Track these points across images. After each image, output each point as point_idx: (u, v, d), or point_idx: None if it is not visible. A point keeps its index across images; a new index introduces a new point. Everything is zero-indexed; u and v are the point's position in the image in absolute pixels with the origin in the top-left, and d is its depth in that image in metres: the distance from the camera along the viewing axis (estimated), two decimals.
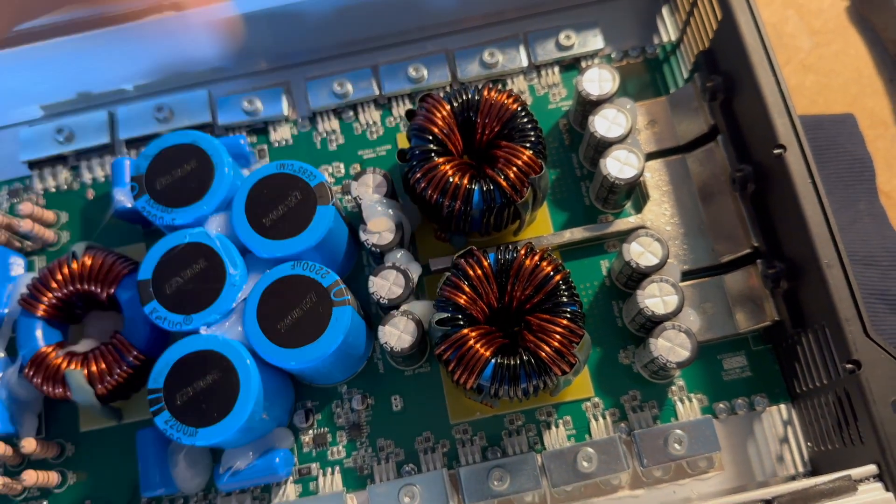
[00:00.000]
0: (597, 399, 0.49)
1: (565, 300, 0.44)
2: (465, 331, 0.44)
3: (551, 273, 0.44)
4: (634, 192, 0.52)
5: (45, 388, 0.47)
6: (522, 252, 0.45)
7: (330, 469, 0.49)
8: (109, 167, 0.56)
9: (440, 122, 0.48)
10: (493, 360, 0.43)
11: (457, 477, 0.47)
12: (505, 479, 0.46)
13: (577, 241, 0.51)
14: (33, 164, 0.56)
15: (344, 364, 0.48)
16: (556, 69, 0.56)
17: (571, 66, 0.56)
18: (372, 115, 0.56)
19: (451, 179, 0.46)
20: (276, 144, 0.56)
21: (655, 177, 0.52)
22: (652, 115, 0.53)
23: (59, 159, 0.56)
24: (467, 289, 0.45)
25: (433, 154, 0.47)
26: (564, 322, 0.43)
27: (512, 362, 0.43)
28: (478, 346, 0.43)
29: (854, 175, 0.59)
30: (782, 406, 0.49)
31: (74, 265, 0.49)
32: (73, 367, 0.47)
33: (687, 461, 0.47)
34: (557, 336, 0.43)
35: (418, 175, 0.47)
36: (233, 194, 0.47)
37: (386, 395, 0.50)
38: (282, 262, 0.45)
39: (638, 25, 0.58)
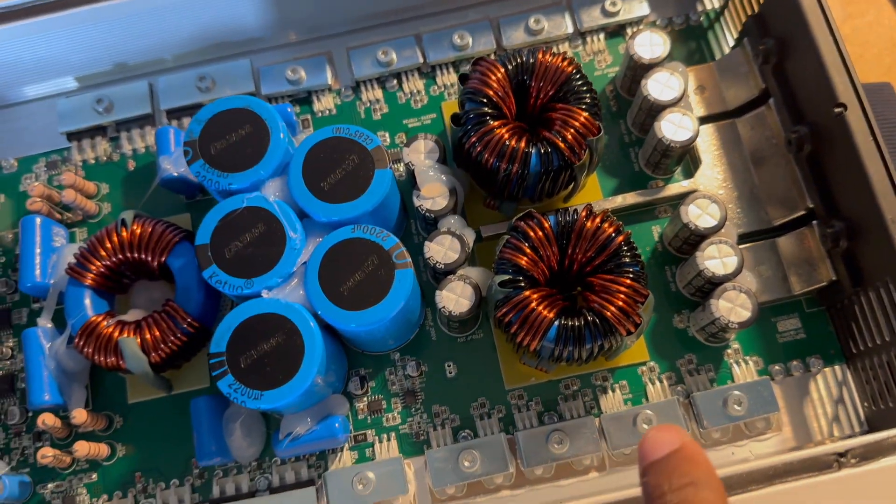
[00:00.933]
0: (652, 363, 0.49)
1: (628, 261, 0.44)
2: (527, 293, 0.44)
3: (613, 234, 0.44)
4: (685, 157, 0.52)
5: (97, 357, 0.46)
6: (584, 214, 0.45)
7: (386, 435, 0.49)
8: (150, 138, 0.55)
9: (495, 85, 0.47)
10: (556, 322, 0.43)
11: (515, 441, 0.47)
12: (564, 442, 0.46)
13: (628, 205, 0.51)
14: (72, 136, 0.55)
15: (400, 329, 0.48)
16: (602, 36, 0.56)
17: (616, 32, 0.56)
18: (416, 84, 0.56)
19: (507, 143, 0.46)
20: (320, 114, 0.55)
21: (706, 141, 0.52)
22: (700, 81, 0.53)
23: (99, 130, 0.56)
24: (528, 250, 0.44)
25: (488, 117, 0.47)
26: (628, 282, 0.43)
27: (576, 323, 0.43)
28: (541, 307, 0.43)
29: (892, 143, 0.59)
30: (836, 367, 0.49)
31: (124, 233, 0.48)
32: (125, 335, 0.46)
33: (745, 423, 0.48)
34: (622, 296, 0.43)
35: (474, 139, 0.47)
36: (287, 159, 0.46)
37: (440, 362, 0.50)
38: (340, 226, 0.45)
39: None
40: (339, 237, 0.44)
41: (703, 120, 0.52)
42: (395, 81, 0.56)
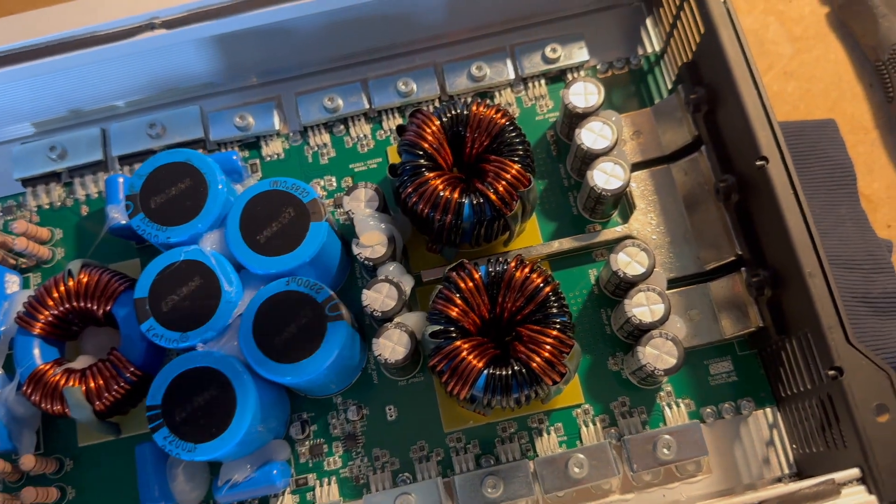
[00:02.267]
0: (587, 406, 0.50)
1: (555, 311, 0.45)
2: (458, 343, 0.45)
3: (541, 285, 0.45)
4: (621, 202, 0.54)
5: (43, 405, 0.48)
6: (513, 264, 0.46)
7: (326, 479, 0.50)
8: (103, 183, 0.56)
9: (430, 137, 0.49)
10: (485, 371, 0.44)
11: (451, 485, 0.48)
12: (498, 486, 0.47)
13: (565, 250, 0.52)
14: (27, 182, 0.57)
15: (339, 376, 0.49)
16: (543, 81, 0.57)
17: (558, 77, 0.57)
18: (362, 129, 0.57)
19: (441, 194, 0.47)
20: (269, 158, 0.57)
21: (641, 186, 0.53)
22: (637, 126, 0.54)
23: (53, 176, 0.57)
24: (459, 301, 0.46)
25: (423, 169, 0.48)
26: (554, 333, 0.44)
27: (504, 373, 0.44)
28: (470, 357, 0.44)
29: (835, 180, 0.60)
30: (768, 410, 0.50)
31: (70, 283, 0.49)
32: (71, 384, 0.47)
33: (676, 465, 0.49)
34: (548, 347, 0.44)
35: (409, 190, 0.48)
36: (226, 211, 0.48)
37: (380, 405, 0.51)
38: (276, 278, 0.46)
39: (622, 37, 0.59)
40: (273, 290, 0.45)
41: (639, 165, 0.53)
42: (342, 126, 0.57)
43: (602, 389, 0.51)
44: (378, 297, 0.48)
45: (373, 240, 0.49)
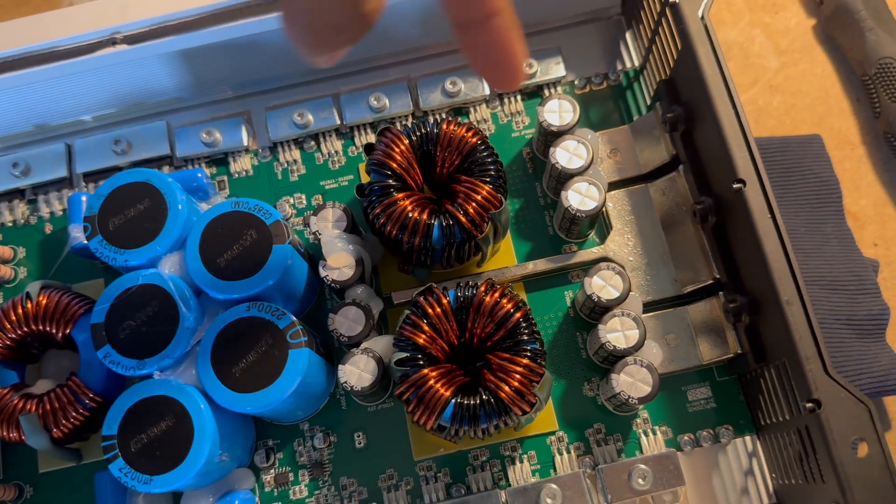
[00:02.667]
0: (561, 433, 0.49)
1: (526, 338, 0.44)
2: (425, 371, 0.43)
3: (511, 310, 0.44)
4: (597, 222, 0.52)
5: (0, 432, 0.46)
6: (482, 289, 0.44)
7: None
8: (67, 201, 0.55)
9: (399, 157, 0.47)
10: (453, 401, 0.43)
11: None
12: None
13: (540, 272, 0.51)
14: None
15: (304, 403, 0.48)
16: (519, 97, 0.56)
17: (535, 93, 0.56)
18: (334, 145, 0.55)
19: (409, 215, 0.46)
20: (237, 175, 0.55)
21: (618, 206, 0.51)
22: (614, 144, 0.53)
23: (16, 193, 0.55)
24: (426, 327, 0.44)
25: (392, 189, 0.47)
26: (524, 361, 0.43)
27: (472, 402, 0.43)
28: (437, 385, 0.43)
29: (821, 198, 0.59)
30: (747, 438, 0.49)
31: (29, 305, 0.48)
32: (28, 409, 0.46)
33: (652, 496, 0.47)
34: (517, 376, 0.43)
35: (377, 210, 0.46)
36: (187, 233, 0.46)
37: (349, 431, 0.50)
38: (238, 303, 0.45)
39: (601, 51, 0.57)
40: (233, 316, 0.44)
41: (616, 184, 0.52)
42: (312, 142, 0.55)
43: (577, 416, 0.49)
44: (344, 322, 0.46)
45: (340, 261, 0.47)
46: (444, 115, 0.54)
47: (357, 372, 0.46)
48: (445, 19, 0.30)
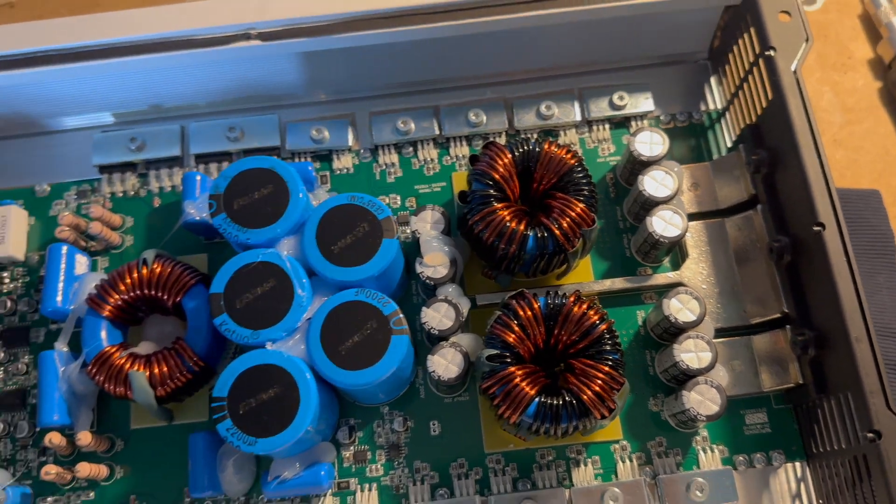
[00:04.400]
0: (625, 442, 0.52)
1: (608, 348, 0.47)
2: (512, 368, 0.47)
3: (598, 322, 0.47)
4: (674, 249, 0.56)
5: (107, 385, 0.49)
6: (572, 299, 0.48)
7: (367, 485, 0.52)
8: (177, 178, 0.59)
9: (501, 169, 0.51)
10: (536, 399, 0.46)
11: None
12: None
13: (616, 290, 0.54)
14: (104, 168, 0.59)
15: (391, 387, 0.51)
16: (607, 126, 0.59)
17: (621, 123, 0.60)
18: (430, 153, 0.59)
19: (507, 224, 0.49)
20: (338, 172, 0.59)
21: (695, 237, 0.55)
22: (695, 178, 0.57)
23: (129, 166, 0.59)
24: (517, 328, 0.48)
25: (492, 199, 0.50)
26: (607, 369, 0.46)
27: (555, 402, 0.46)
28: (523, 384, 0.46)
29: (876, 249, 0.63)
30: (797, 463, 0.52)
31: (144, 271, 0.51)
32: (136, 368, 0.49)
33: None
34: (599, 381, 0.46)
35: (477, 217, 0.50)
36: (303, 219, 0.50)
37: (425, 419, 0.53)
38: (345, 288, 0.48)
39: (686, 92, 0.62)
40: (343, 299, 0.47)
41: (694, 216, 0.56)
42: (410, 148, 0.59)
43: (640, 428, 0.52)
44: (436, 316, 0.50)
45: (436, 260, 0.51)
46: (535, 136, 0.58)
47: (445, 363, 0.49)
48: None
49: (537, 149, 0.51)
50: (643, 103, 0.59)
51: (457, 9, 0.53)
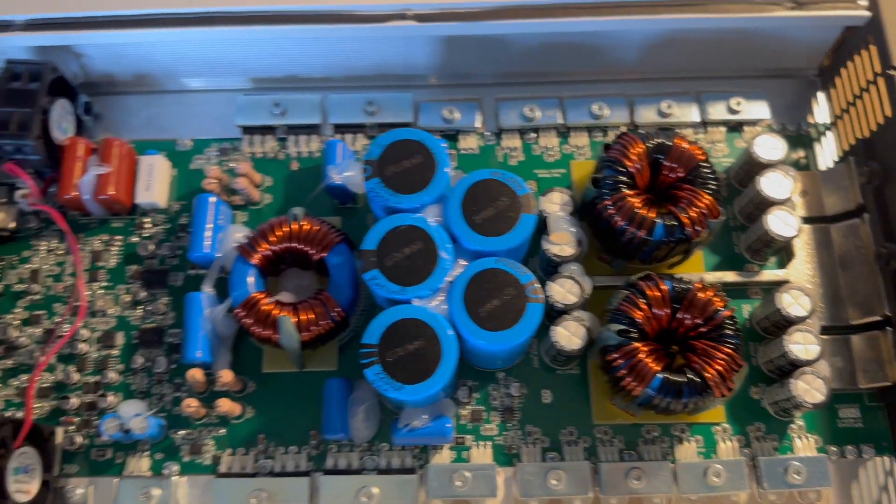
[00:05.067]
0: (726, 425, 0.55)
1: (730, 333, 0.50)
2: (638, 344, 0.50)
3: (721, 308, 0.51)
4: (783, 249, 0.59)
5: (254, 328, 0.53)
6: (698, 285, 0.51)
7: (482, 443, 0.55)
8: (314, 144, 0.63)
9: (634, 158, 0.54)
10: (660, 375, 0.50)
11: (598, 470, 0.53)
12: (642, 479, 0.53)
13: (725, 282, 0.58)
14: (246, 129, 0.63)
15: (512, 354, 0.55)
16: (723, 129, 0.63)
17: (735, 128, 0.63)
18: (551, 141, 0.63)
19: (638, 210, 0.53)
20: (464, 152, 0.63)
21: (802, 239, 0.59)
22: (804, 186, 0.60)
23: (269, 129, 0.63)
24: (644, 306, 0.51)
25: (623, 185, 0.54)
26: (728, 350, 0.50)
27: (679, 379, 0.49)
28: (648, 359, 0.50)
29: None
30: (886, 458, 0.55)
31: (294, 226, 0.55)
32: (283, 314, 0.53)
33: (799, 491, 0.54)
34: (721, 361, 0.49)
35: (608, 202, 0.53)
36: (445, 191, 0.53)
37: (538, 388, 0.56)
38: (482, 256, 0.52)
39: (793, 104, 0.65)
40: (483, 265, 0.51)
41: (803, 220, 0.59)
42: (533, 134, 0.63)
43: (741, 413, 0.56)
44: (562, 291, 0.53)
45: (563, 239, 0.55)
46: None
47: (568, 335, 0.53)
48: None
49: (668, 142, 0.55)
50: (758, 110, 0.63)
51: (601, 6, 0.57)
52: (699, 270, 0.59)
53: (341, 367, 0.57)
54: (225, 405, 0.54)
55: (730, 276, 0.58)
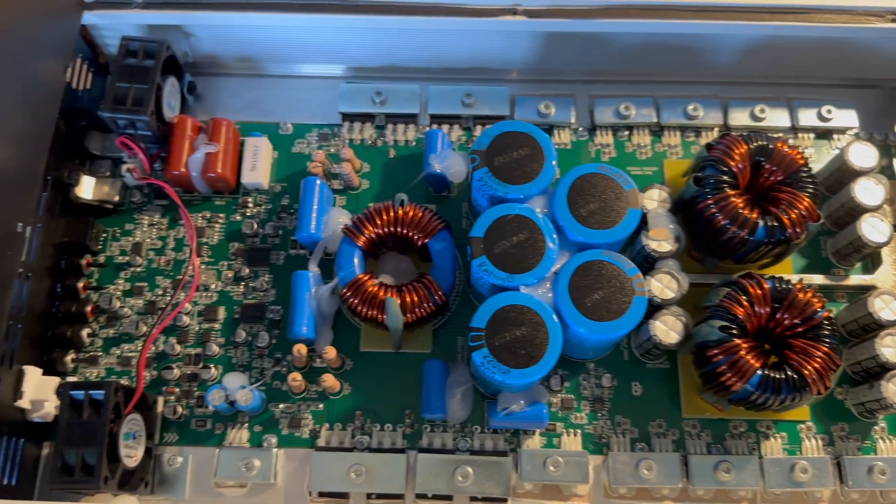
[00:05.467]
0: (811, 423, 0.57)
1: (827, 333, 0.52)
2: (738, 341, 0.52)
3: (820, 309, 0.52)
4: (870, 255, 0.60)
5: (360, 308, 0.55)
6: (798, 286, 0.53)
7: (572, 431, 0.57)
8: (411, 133, 0.64)
9: (737, 158, 0.56)
10: (760, 371, 0.51)
11: (686, 461, 0.55)
12: (731, 471, 0.54)
13: (813, 284, 0.59)
14: (346, 116, 0.65)
15: (608, 345, 0.56)
16: (812, 136, 0.64)
17: (824, 135, 0.64)
18: (644, 139, 0.64)
19: (740, 210, 0.54)
20: (556, 146, 0.64)
21: (890, 246, 0.60)
22: (891, 195, 0.61)
23: (368, 117, 0.65)
24: (745, 303, 0.53)
25: (725, 185, 0.55)
26: (825, 349, 0.51)
27: (778, 376, 0.51)
28: (748, 356, 0.51)
29: None
30: None
31: (399, 212, 0.56)
32: (389, 295, 0.54)
33: (881, 491, 0.55)
34: (819, 360, 0.51)
35: (710, 201, 0.55)
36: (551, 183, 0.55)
37: (628, 379, 0.58)
38: (587, 248, 0.53)
39: (881, 113, 0.66)
40: (589, 257, 0.52)
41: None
42: (626, 132, 0.64)
43: (826, 413, 0.57)
44: (659, 287, 0.55)
45: (661, 235, 0.56)
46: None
47: (665, 329, 0.54)
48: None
49: (771, 146, 0.56)
50: (847, 118, 0.64)
51: (708, 9, 0.58)
52: (787, 272, 0.60)
53: (435, 349, 0.59)
54: (329, 380, 0.56)
55: (818, 279, 0.59)
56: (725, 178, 0.55)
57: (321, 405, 0.57)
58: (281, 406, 0.57)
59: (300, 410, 0.57)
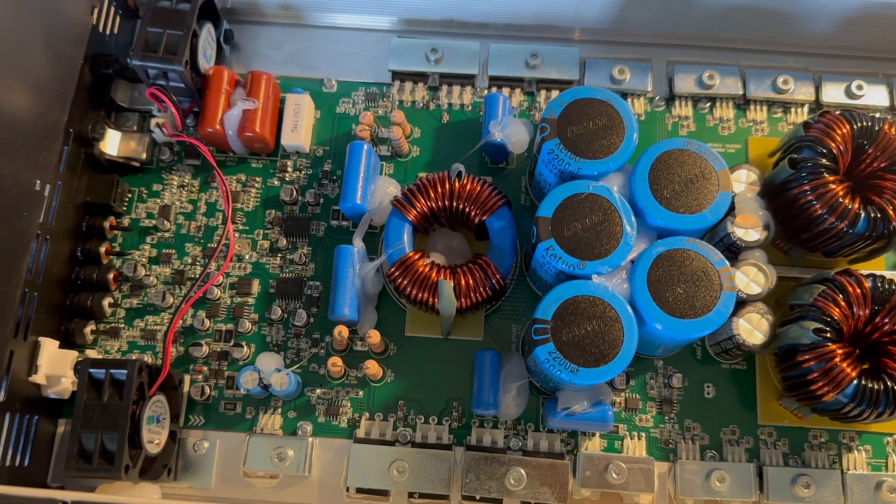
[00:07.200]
0: None
1: None
2: (833, 346, 0.46)
3: None
4: None
5: (409, 290, 0.50)
6: None
7: (636, 434, 0.51)
8: (467, 96, 0.58)
9: (838, 139, 0.49)
10: (855, 381, 0.45)
11: (762, 473, 0.50)
12: (811, 487, 0.49)
13: None
14: (397, 74, 0.58)
15: (683, 343, 0.51)
16: None
17: None
18: (727, 112, 0.58)
19: (841, 200, 0.48)
20: None
21: None
22: None
23: (420, 76, 0.59)
24: (843, 303, 0.47)
25: (824, 169, 0.49)
26: None
27: (877, 387, 0.45)
28: (844, 364, 0.46)
29: None
30: None
31: (456, 184, 0.51)
32: (442, 277, 0.49)
33: None
34: None
35: (806, 187, 0.49)
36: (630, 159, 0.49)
37: (700, 380, 0.52)
38: (668, 234, 0.47)
39: None
40: (672, 245, 0.47)
41: None
42: (707, 104, 0.58)
43: None
44: (745, 280, 0.49)
45: (749, 222, 0.50)
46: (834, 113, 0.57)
47: (750, 329, 0.48)
48: None
49: (876, 127, 0.50)
50: None
51: None
52: (880, 269, 0.54)
53: (486, 337, 0.53)
54: (371, 367, 0.51)
55: None
56: (824, 161, 0.49)
57: (361, 392, 0.53)
58: (318, 391, 0.53)
59: (339, 397, 0.52)
